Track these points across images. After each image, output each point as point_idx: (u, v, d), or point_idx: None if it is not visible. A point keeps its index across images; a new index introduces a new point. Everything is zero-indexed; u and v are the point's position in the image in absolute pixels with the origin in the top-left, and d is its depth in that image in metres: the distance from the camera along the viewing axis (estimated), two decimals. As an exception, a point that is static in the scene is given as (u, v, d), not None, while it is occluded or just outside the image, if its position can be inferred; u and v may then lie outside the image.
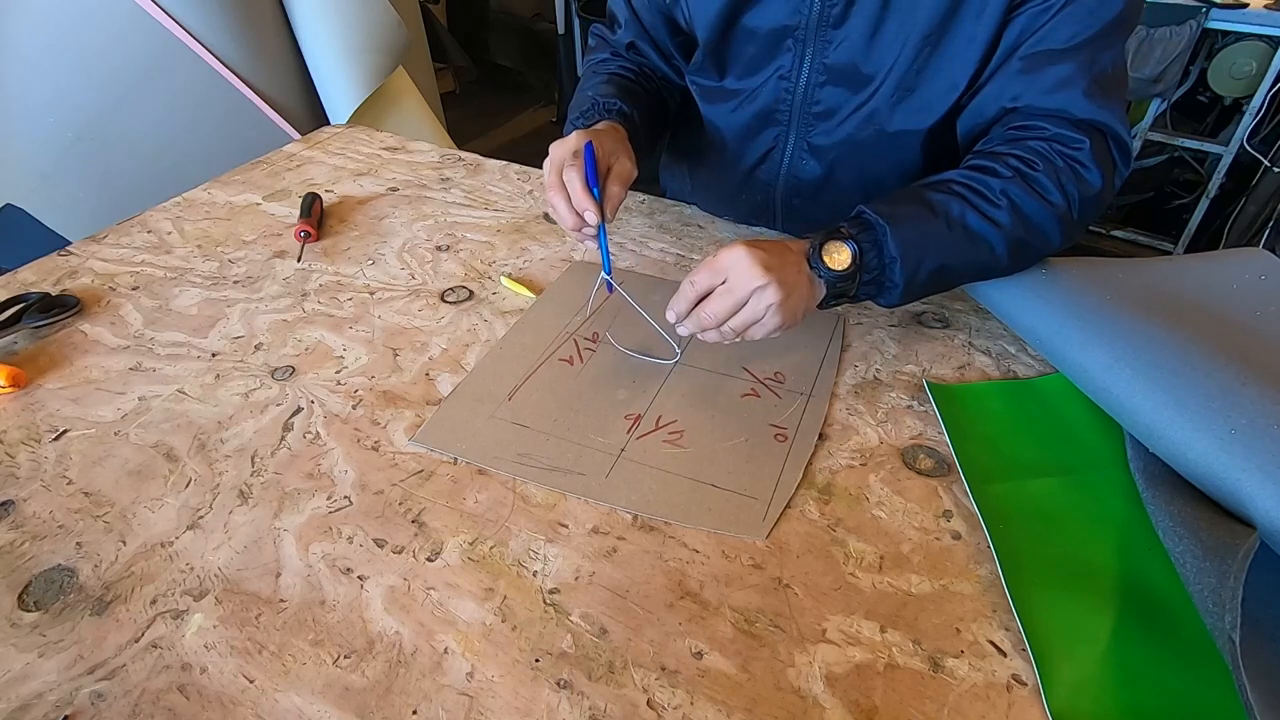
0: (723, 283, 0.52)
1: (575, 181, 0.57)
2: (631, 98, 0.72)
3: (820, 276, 0.54)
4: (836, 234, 0.54)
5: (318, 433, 0.55)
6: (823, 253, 0.54)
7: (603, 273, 0.61)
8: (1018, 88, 0.58)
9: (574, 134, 0.60)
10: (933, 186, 0.57)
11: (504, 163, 0.98)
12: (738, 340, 0.54)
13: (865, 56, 0.64)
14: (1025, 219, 0.56)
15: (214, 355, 0.63)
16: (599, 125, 0.66)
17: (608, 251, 0.60)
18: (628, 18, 0.77)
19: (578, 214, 0.58)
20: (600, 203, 0.58)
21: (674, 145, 0.92)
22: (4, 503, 0.50)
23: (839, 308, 0.67)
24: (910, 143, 0.68)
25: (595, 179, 0.58)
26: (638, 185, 0.91)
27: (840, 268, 0.53)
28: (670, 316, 0.55)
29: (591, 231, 0.59)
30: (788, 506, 0.49)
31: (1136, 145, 2.15)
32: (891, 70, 0.63)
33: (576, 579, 0.45)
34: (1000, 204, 0.55)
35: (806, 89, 0.68)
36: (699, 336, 0.55)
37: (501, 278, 0.73)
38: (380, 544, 0.47)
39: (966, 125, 0.64)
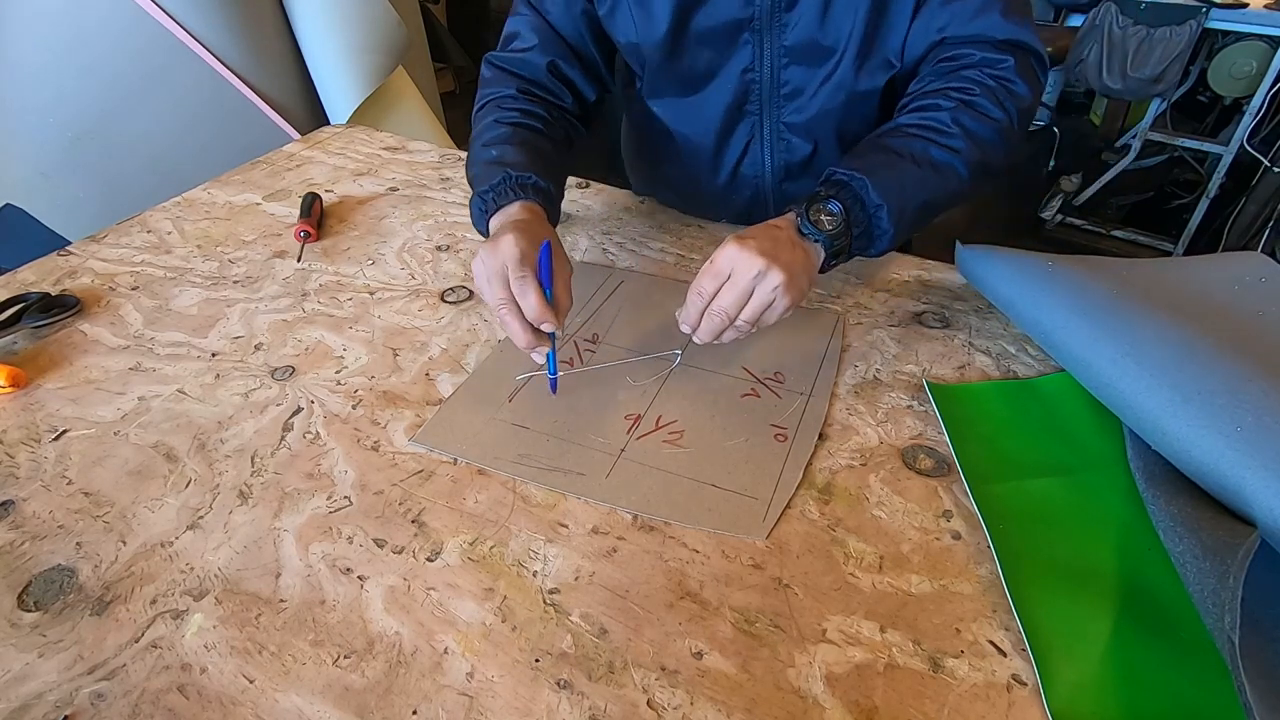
0: (726, 280, 0.53)
1: (530, 295, 0.51)
2: (543, 161, 0.64)
3: (816, 241, 0.56)
4: (817, 198, 0.56)
5: (318, 433, 0.55)
6: (811, 218, 0.56)
7: (548, 374, 0.57)
8: (943, 19, 0.63)
9: (508, 239, 0.53)
10: (888, 134, 0.61)
11: (504, 163, 0.98)
12: (752, 331, 0.55)
13: (822, 31, 0.66)
14: (979, 140, 0.60)
15: (214, 355, 0.63)
16: (514, 211, 0.59)
17: (555, 356, 0.56)
18: (544, 34, 0.70)
19: (534, 330, 0.53)
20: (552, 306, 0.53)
21: (653, 172, 0.87)
22: (4, 503, 0.50)
23: (837, 309, 0.67)
24: (882, 97, 0.71)
25: (549, 280, 0.53)
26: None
27: (831, 228, 0.56)
28: (684, 328, 0.56)
29: (544, 344, 0.55)
30: (788, 506, 0.49)
31: (1137, 145, 2.15)
32: (850, 37, 0.65)
33: (576, 579, 0.45)
34: (954, 132, 0.59)
35: (772, 74, 0.69)
36: (719, 340, 0.55)
37: (501, 278, 0.73)
38: (380, 544, 0.47)
39: (904, 62, 0.67)
